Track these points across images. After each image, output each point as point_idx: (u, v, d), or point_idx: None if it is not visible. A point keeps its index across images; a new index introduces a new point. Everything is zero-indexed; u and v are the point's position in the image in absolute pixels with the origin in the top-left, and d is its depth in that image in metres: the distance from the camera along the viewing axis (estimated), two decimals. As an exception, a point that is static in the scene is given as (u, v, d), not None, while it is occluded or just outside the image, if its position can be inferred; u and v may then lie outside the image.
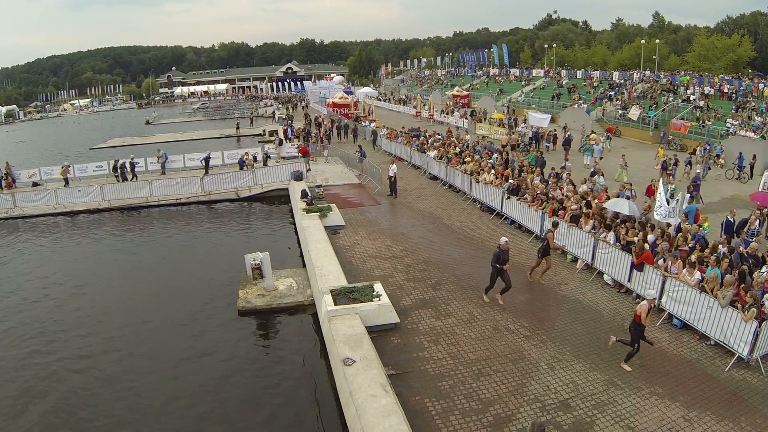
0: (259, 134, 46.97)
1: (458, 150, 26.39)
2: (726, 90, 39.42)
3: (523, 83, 62.03)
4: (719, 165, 25.81)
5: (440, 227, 18.82)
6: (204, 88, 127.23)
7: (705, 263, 11.59)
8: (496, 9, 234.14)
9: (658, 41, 59.29)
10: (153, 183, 25.48)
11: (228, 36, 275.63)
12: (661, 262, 12.14)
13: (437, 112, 50.26)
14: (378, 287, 12.32)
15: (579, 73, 58.07)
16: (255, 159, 29.86)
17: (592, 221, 14.82)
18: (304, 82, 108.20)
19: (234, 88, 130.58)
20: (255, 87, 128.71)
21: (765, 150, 27.02)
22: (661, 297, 11.73)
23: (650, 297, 9.88)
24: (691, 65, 59.60)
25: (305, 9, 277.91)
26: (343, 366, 9.40)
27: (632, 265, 12.59)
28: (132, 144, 48.23)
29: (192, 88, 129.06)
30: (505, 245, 12.12)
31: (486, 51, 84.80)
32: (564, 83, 55.91)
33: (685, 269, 11.50)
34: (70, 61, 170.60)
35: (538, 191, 17.79)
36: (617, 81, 50.71)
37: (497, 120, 42.61)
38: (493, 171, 21.00)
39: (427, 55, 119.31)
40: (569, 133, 30.75)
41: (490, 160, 23.37)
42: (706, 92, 39.66)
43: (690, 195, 17.57)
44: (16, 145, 58.58)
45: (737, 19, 73.24)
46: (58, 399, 10.31)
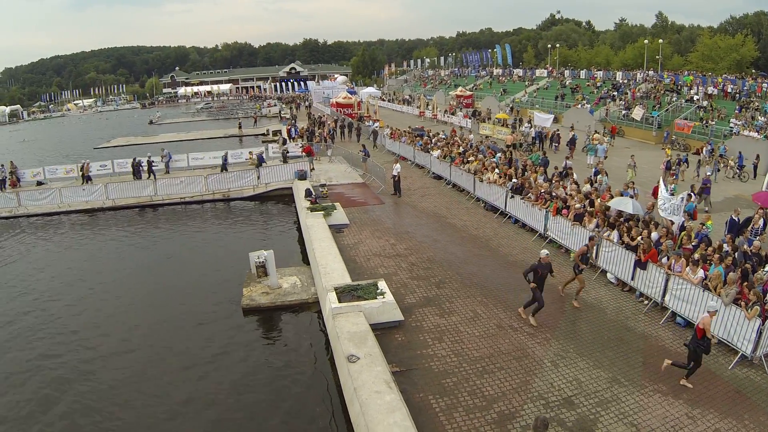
0: (263, 134, 47.07)
1: (462, 149, 26.42)
2: (729, 90, 39.31)
3: (527, 83, 61.93)
4: (728, 167, 25.62)
5: (444, 226, 18.85)
6: (207, 88, 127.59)
7: (708, 261, 11.61)
8: (499, 9, 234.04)
9: (662, 41, 59.12)
10: (157, 182, 25.59)
11: (230, 36, 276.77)
12: (665, 260, 12.16)
13: (441, 112, 50.28)
14: (382, 285, 12.35)
15: (582, 74, 57.93)
16: (260, 158, 29.78)
17: (596, 220, 14.85)
18: (308, 83, 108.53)
19: (237, 89, 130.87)
20: (258, 87, 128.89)
21: (768, 150, 26.92)
22: (665, 295, 11.75)
23: (712, 309, 9.38)
24: (695, 65, 59.46)
25: (307, 9, 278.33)
26: (348, 363, 9.44)
27: (636, 264, 12.59)
28: (135, 144, 48.47)
29: (195, 88, 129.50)
30: (546, 258, 11.25)
31: (489, 51, 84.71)
32: (567, 83, 55.79)
33: (689, 267, 11.52)
34: (74, 62, 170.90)
35: (542, 190, 17.82)
36: (620, 81, 50.56)
37: (500, 120, 42.62)
38: (497, 170, 20.99)
39: (431, 56, 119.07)
40: (573, 133, 30.77)
41: (494, 159, 23.41)
42: (710, 92, 39.55)
43: (694, 194, 17.51)
44: (20, 145, 58.84)
45: (740, 19, 73.17)
46: (69, 402, 10.27)
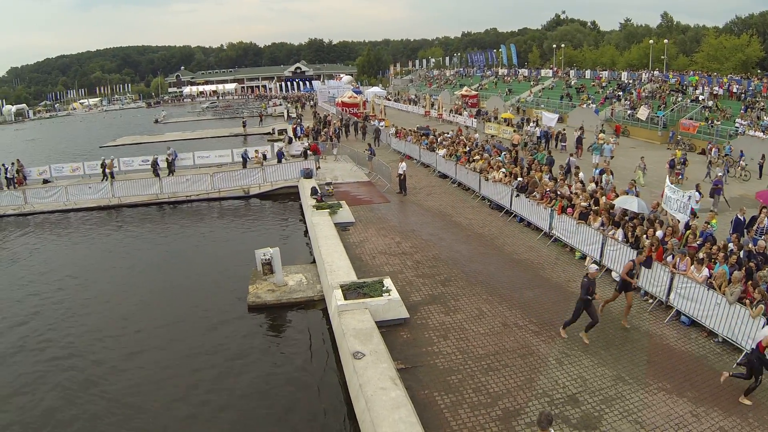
0: (268, 133, 47.22)
1: (467, 149, 26.45)
2: (735, 90, 39.10)
3: (532, 83, 61.84)
4: (739, 168, 25.45)
5: (449, 224, 18.90)
6: (213, 88, 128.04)
7: (713, 260, 11.60)
8: (504, 9, 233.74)
9: (667, 41, 58.82)
10: (163, 180, 25.74)
11: (234, 36, 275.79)
12: (670, 259, 12.16)
13: (446, 112, 50.32)
14: (388, 282, 12.41)
15: (587, 74, 57.81)
16: (265, 157, 29.97)
17: (601, 218, 14.86)
18: (313, 82, 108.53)
19: (243, 88, 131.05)
20: (264, 87, 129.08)
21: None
22: (669, 294, 11.76)
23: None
24: (700, 65, 59.22)
25: (312, 9, 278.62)
26: (353, 360, 9.50)
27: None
28: (141, 142, 48.69)
29: (201, 88, 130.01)
30: (595, 273, 10.52)
31: (494, 51, 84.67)
32: (573, 83, 55.72)
33: (693, 266, 11.51)
34: (79, 61, 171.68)
35: (547, 189, 17.84)
36: (626, 81, 50.43)
37: (506, 119, 42.62)
38: (503, 169, 20.99)
39: (436, 55, 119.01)
40: (579, 133, 30.78)
41: (499, 158, 23.43)
42: (715, 92, 39.39)
43: (700, 193, 17.47)
44: (26, 144, 59.22)
45: (746, 19, 72.81)
46: (84, 402, 10.27)
